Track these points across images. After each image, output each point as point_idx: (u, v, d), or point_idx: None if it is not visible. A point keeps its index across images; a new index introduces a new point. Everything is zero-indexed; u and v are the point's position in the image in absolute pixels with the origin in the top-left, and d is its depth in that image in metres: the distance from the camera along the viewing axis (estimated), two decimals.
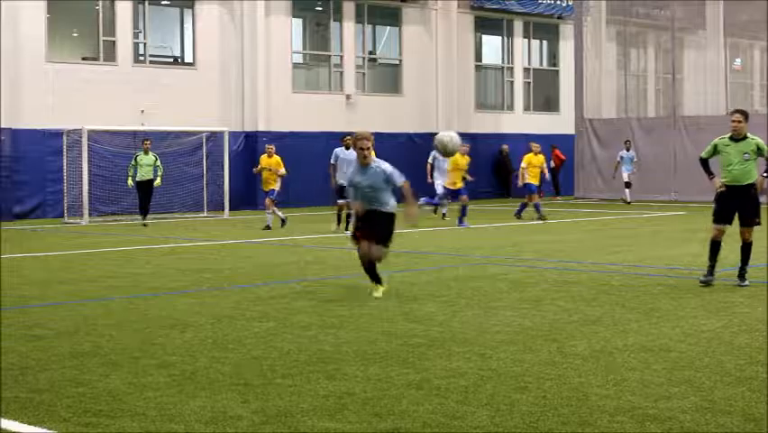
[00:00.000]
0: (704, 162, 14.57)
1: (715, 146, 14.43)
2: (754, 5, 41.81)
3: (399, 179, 13.21)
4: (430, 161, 28.28)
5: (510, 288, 14.27)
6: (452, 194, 27.61)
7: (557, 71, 45.72)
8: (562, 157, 42.96)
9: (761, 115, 36.22)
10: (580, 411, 7.41)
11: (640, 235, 23.57)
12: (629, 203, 35.97)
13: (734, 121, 14.27)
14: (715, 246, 14.33)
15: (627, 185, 36.75)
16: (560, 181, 42.89)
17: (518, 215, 28.70)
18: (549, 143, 42.80)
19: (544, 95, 45.63)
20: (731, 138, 14.27)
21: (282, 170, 26.40)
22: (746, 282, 14.20)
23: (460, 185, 27.28)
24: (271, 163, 26.44)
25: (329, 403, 7.65)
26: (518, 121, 43.71)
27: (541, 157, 28.90)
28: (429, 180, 27.99)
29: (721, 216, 14.32)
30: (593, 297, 13.27)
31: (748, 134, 14.24)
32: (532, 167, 28.46)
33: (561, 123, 43.96)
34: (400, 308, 12.18)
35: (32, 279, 15.88)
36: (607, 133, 41.12)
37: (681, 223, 27.69)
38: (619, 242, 21.84)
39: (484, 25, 43.18)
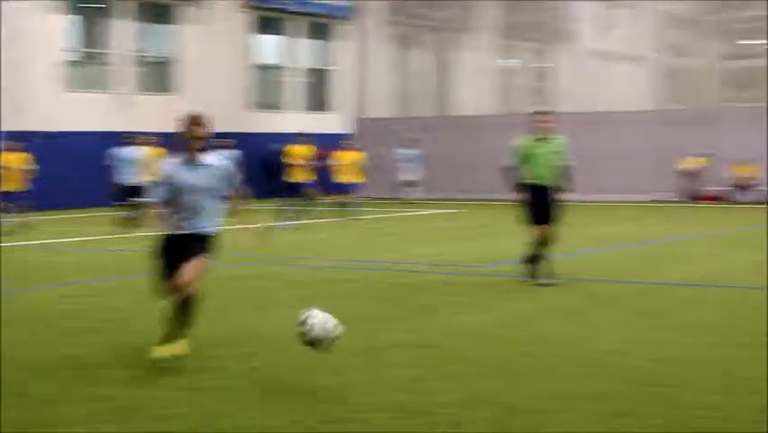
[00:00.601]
0: (511, 170, 14.22)
1: (522, 148, 14.09)
2: (526, 7, 43.13)
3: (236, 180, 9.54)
4: None
5: (282, 287, 14.30)
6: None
7: (334, 71, 45.99)
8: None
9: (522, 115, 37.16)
10: (346, 408, 7.50)
11: (411, 233, 23.96)
12: (411, 202, 36.16)
13: (544, 121, 14.10)
14: (537, 247, 14.07)
15: (410, 183, 37.17)
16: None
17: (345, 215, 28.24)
18: (326, 143, 42.98)
19: (321, 94, 45.84)
20: (537, 138, 14.08)
21: (24, 166, 24.99)
22: (555, 280, 13.93)
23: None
24: (11, 160, 25.01)
25: (90, 409, 7.53)
26: (296, 121, 43.76)
27: (352, 154, 28.88)
28: None
29: (539, 218, 13.97)
30: (363, 294, 13.42)
31: (553, 135, 14.11)
32: (344, 165, 28.31)
33: (337, 122, 44.24)
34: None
35: None
36: (383, 132, 41.61)
37: (449, 220, 28.27)
38: (391, 239, 22.15)
39: (262, 24, 43.08)
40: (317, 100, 45.45)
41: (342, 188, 28.75)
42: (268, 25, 43.37)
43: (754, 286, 13.88)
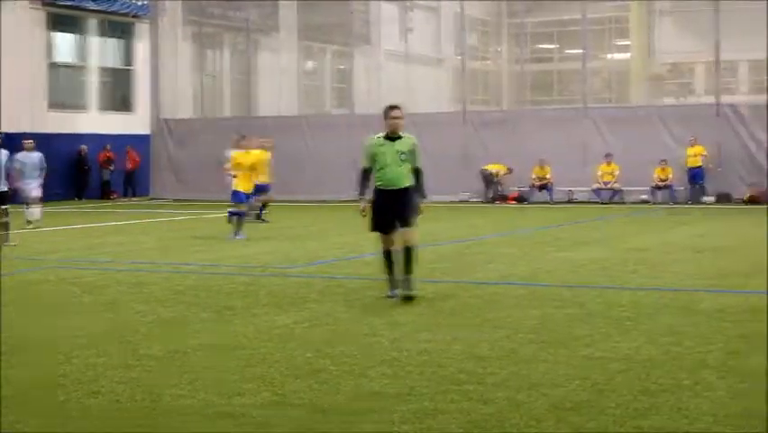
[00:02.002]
0: (365, 174, 12.97)
1: (370, 148, 12.87)
2: (326, 9, 43.33)
3: None
4: (17, 165, 24.70)
5: (84, 291, 13.96)
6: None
7: (133, 71, 45.24)
8: (137, 158, 42.68)
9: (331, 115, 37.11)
10: (155, 413, 7.38)
11: (216, 235, 23.67)
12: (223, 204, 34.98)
13: (394, 117, 12.80)
14: (388, 257, 12.90)
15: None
16: (136, 182, 42.70)
17: (260, 217, 26.53)
18: (125, 144, 42.42)
19: (120, 94, 45.05)
20: (386, 137, 12.87)
21: None
22: (414, 291, 12.67)
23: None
24: None
25: None
26: (94, 121, 42.91)
27: (268, 154, 27.12)
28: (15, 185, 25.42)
29: (383, 226, 12.80)
30: (168, 297, 13.22)
31: (403, 133, 12.95)
32: (261, 165, 26.52)
33: (137, 123, 43.58)
34: None
35: None
36: (183, 133, 41.19)
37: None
38: (195, 242, 21.87)
39: (58, 22, 42.04)
40: (115, 100, 44.69)
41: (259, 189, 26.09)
42: (63, 23, 42.36)
43: (558, 284, 14.23)
